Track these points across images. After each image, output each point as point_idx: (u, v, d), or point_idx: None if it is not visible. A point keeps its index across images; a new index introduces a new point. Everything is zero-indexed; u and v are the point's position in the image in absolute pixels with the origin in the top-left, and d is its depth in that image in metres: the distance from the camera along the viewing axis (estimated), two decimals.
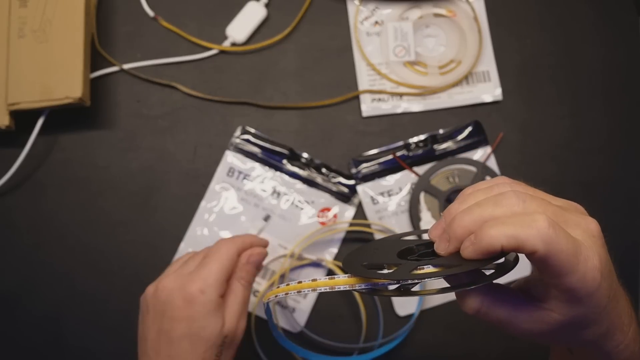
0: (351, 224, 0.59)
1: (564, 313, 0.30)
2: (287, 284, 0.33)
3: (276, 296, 0.33)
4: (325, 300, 0.58)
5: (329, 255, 0.58)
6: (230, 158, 0.60)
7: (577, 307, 0.30)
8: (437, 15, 0.63)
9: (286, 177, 0.59)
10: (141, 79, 0.61)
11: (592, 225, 0.30)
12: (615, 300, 0.32)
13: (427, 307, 0.57)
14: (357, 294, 0.57)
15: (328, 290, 0.32)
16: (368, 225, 0.58)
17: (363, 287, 0.32)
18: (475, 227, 0.30)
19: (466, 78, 0.62)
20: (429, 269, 0.31)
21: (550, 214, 0.29)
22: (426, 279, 0.30)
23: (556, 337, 0.32)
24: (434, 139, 0.60)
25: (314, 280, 0.33)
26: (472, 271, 0.31)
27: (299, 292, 0.33)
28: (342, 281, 0.32)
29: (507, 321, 0.32)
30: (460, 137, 0.60)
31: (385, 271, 0.32)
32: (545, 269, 0.29)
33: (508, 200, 0.30)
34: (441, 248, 0.31)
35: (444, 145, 0.60)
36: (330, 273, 0.58)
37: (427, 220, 0.58)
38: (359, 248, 0.37)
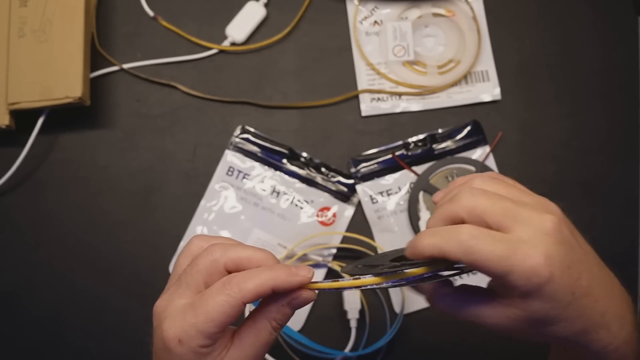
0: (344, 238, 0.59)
1: (522, 308, 0.32)
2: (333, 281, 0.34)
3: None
4: (325, 300, 0.58)
5: (328, 255, 0.58)
6: (230, 157, 0.60)
7: (532, 302, 0.32)
8: (436, 15, 0.63)
9: (286, 176, 0.59)
10: (141, 78, 0.61)
11: (547, 222, 0.32)
12: (592, 298, 0.32)
13: (426, 306, 0.58)
14: (361, 294, 0.57)
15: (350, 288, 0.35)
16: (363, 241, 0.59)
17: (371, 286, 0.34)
18: (438, 221, 0.34)
19: (465, 78, 0.62)
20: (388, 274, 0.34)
21: (498, 209, 0.32)
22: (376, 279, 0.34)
23: (526, 332, 0.34)
24: (433, 139, 0.60)
25: (356, 278, 0.34)
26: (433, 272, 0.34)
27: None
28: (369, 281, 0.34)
29: (476, 317, 0.34)
30: (459, 136, 0.60)
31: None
32: (482, 272, 0.32)
33: (462, 195, 0.33)
34: (407, 246, 0.34)
35: (443, 145, 0.60)
36: (331, 273, 0.58)
37: (426, 219, 0.58)
38: (365, 258, 0.39)
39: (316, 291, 0.34)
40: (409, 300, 0.57)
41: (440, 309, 0.36)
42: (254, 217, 0.59)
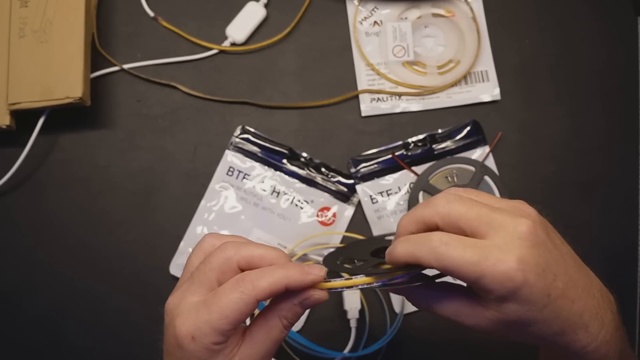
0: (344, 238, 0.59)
1: (499, 311, 0.33)
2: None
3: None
4: (326, 301, 0.58)
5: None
6: (230, 157, 0.60)
7: (508, 305, 0.32)
8: (435, 15, 0.63)
9: (286, 176, 0.59)
10: (141, 78, 0.61)
11: (521, 226, 0.32)
12: (569, 300, 0.33)
13: None
14: (361, 294, 0.57)
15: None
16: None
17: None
18: (411, 226, 0.34)
19: (465, 78, 0.62)
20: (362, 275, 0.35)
21: (473, 214, 0.33)
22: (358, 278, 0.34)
23: (504, 333, 0.34)
24: (433, 139, 0.60)
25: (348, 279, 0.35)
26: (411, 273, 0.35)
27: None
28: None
29: (455, 317, 0.35)
30: (458, 136, 0.60)
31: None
32: (455, 277, 0.32)
33: (436, 201, 0.34)
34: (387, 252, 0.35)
35: (442, 145, 0.60)
36: (331, 273, 0.58)
37: None
38: (347, 245, 0.39)
39: (328, 292, 0.35)
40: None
41: (419, 306, 0.36)
42: (254, 217, 0.59)
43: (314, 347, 0.53)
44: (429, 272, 0.35)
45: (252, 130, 0.60)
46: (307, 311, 0.57)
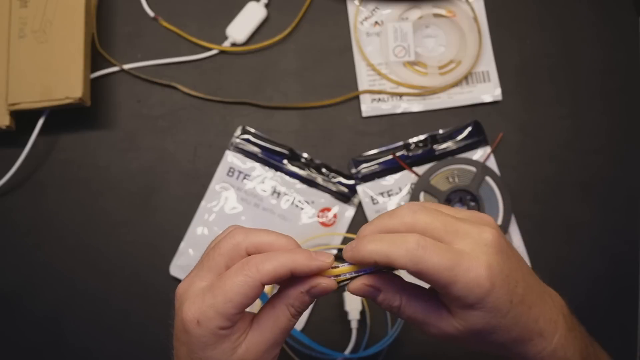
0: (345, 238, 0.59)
1: (465, 319, 0.33)
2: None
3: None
4: (327, 301, 0.58)
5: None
6: (230, 158, 0.60)
7: (475, 312, 0.33)
8: (436, 15, 0.63)
9: (286, 177, 0.59)
10: (141, 79, 0.61)
11: (485, 234, 0.33)
12: (526, 306, 0.33)
13: None
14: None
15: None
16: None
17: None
18: (377, 258, 0.33)
19: (466, 78, 0.62)
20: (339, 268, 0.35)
21: (439, 224, 0.33)
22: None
23: (469, 342, 0.35)
24: (434, 139, 0.60)
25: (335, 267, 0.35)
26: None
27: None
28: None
29: (421, 322, 0.35)
30: (460, 137, 0.60)
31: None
32: (426, 282, 0.32)
33: (401, 211, 0.34)
34: (346, 249, 0.34)
35: (443, 146, 0.60)
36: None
37: None
38: None
39: (337, 283, 0.34)
40: None
41: (391, 305, 0.35)
42: (255, 218, 0.58)
43: (315, 346, 0.53)
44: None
45: (252, 130, 0.60)
46: (308, 312, 0.57)
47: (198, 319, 0.33)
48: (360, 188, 0.59)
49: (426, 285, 0.35)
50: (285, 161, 0.60)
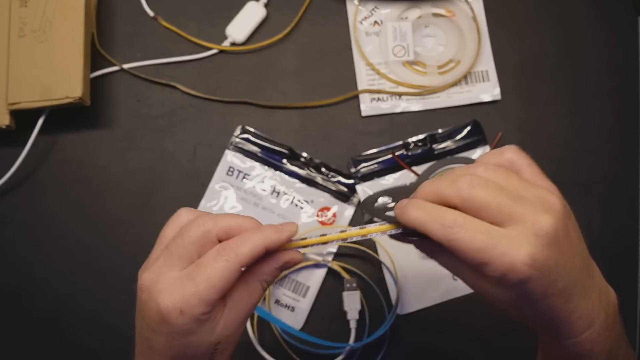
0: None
1: (494, 290, 0.33)
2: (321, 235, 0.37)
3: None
4: (326, 301, 0.58)
5: (328, 255, 0.58)
6: (230, 157, 0.60)
7: (504, 290, 0.33)
8: (436, 15, 0.63)
9: (286, 176, 0.59)
10: (141, 78, 0.61)
11: (542, 223, 0.32)
12: (563, 298, 0.33)
13: (425, 306, 0.58)
14: (361, 295, 0.57)
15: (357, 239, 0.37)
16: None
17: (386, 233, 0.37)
18: (429, 197, 0.34)
19: (465, 78, 0.62)
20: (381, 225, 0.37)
21: (494, 205, 0.32)
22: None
23: (493, 299, 0.34)
24: (433, 139, 0.60)
25: (342, 231, 0.37)
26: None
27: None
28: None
29: (454, 272, 0.36)
30: (459, 136, 0.60)
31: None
32: (458, 257, 0.32)
33: (460, 183, 0.33)
34: (398, 206, 0.36)
35: (443, 145, 0.60)
36: (333, 273, 0.58)
37: None
38: (393, 187, 0.41)
39: (302, 252, 0.37)
40: (410, 300, 0.57)
41: (424, 252, 0.37)
42: (254, 217, 0.58)
43: (319, 341, 0.53)
44: None
45: (252, 130, 0.60)
46: (308, 311, 0.57)
47: (181, 307, 0.33)
48: (359, 187, 0.59)
49: None
50: (284, 160, 0.60)
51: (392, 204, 0.38)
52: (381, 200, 0.40)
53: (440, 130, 0.61)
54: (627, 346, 0.38)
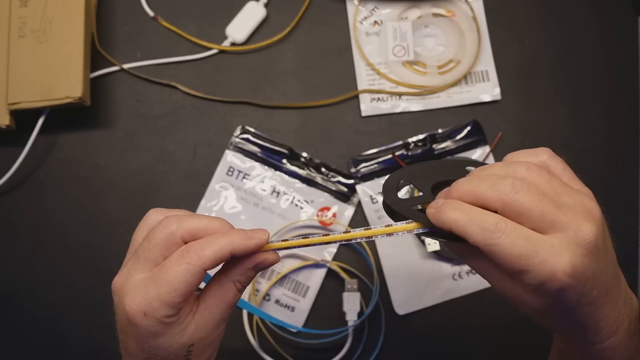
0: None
1: (526, 293, 0.32)
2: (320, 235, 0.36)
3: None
4: (324, 299, 0.58)
5: (328, 255, 0.58)
6: (230, 157, 0.60)
7: (537, 297, 0.32)
8: (436, 15, 0.63)
9: (286, 176, 0.59)
10: (141, 78, 0.61)
11: (584, 232, 0.31)
12: (594, 307, 0.32)
13: (425, 306, 0.58)
14: (361, 297, 0.57)
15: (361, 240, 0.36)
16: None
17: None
18: (467, 198, 0.32)
19: (465, 78, 0.62)
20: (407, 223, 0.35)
21: (537, 211, 0.31)
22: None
23: (520, 304, 0.33)
24: (433, 139, 0.60)
25: (346, 231, 0.36)
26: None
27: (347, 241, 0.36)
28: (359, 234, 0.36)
29: (483, 276, 0.34)
30: (459, 136, 0.60)
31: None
32: (495, 262, 0.31)
33: (503, 187, 0.31)
34: (432, 205, 0.34)
35: (442, 145, 0.60)
36: (332, 273, 0.58)
37: None
38: (417, 165, 0.39)
39: (279, 253, 0.36)
40: (410, 300, 0.57)
41: (452, 250, 0.36)
42: (254, 217, 0.59)
43: (317, 331, 0.53)
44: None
45: (252, 130, 0.60)
46: (307, 311, 0.57)
47: (144, 310, 0.33)
48: (359, 187, 0.59)
49: None
50: (284, 160, 0.60)
51: (419, 198, 0.36)
52: (403, 189, 0.37)
53: (440, 130, 0.61)
54: None
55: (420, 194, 0.36)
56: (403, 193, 0.36)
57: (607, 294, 0.33)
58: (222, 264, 0.36)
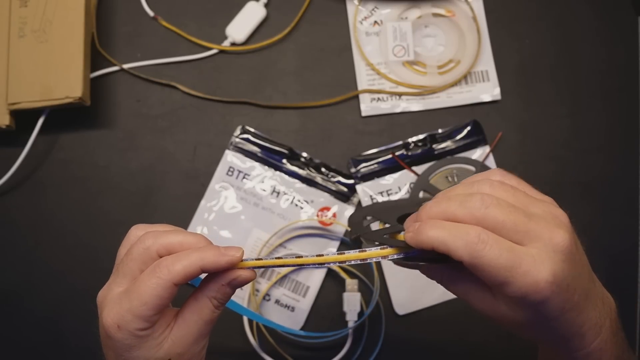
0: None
1: (509, 308, 0.32)
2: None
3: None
4: (324, 299, 0.58)
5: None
6: (230, 157, 0.60)
7: (522, 311, 0.32)
8: (436, 15, 0.63)
9: (286, 176, 0.59)
10: (141, 78, 0.61)
11: (558, 238, 0.31)
12: (576, 312, 0.32)
13: (425, 306, 0.58)
14: (361, 297, 0.57)
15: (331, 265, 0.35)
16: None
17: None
18: (437, 217, 0.32)
19: (465, 78, 0.62)
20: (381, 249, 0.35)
21: (510, 223, 0.31)
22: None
23: (503, 323, 0.34)
24: (433, 139, 0.60)
25: (319, 255, 0.35)
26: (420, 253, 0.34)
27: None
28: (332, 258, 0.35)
29: (464, 297, 0.34)
30: (459, 136, 0.60)
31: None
32: (480, 277, 0.31)
33: (473, 203, 0.32)
34: (409, 229, 0.34)
35: (442, 145, 0.60)
36: (332, 273, 0.58)
37: None
38: (379, 203, 0.39)
39: (255, 270, 0.36)
40: (410, 301, 0.57)
41: (431, 278, 0.36)
42: (254, 217, 0.59)
43: (314, 334, 0.53)
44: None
45: (252, 130, 0.60)
46: (307, 311, 0.57)
47: (118, 323, 0.34)
48: (359, 187, 0.59)
49: None
50: (284, 160, 0.60)
51: (388, 228, 0.36)
52: (368, 221, 0.38)
53: (440, 130, 0.61)
54: (628, 349, 0.38)
55: (387, 225, 0.37)
56: (369, 223, 0.37)
57: (587, 297, 0.33)
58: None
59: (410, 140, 0.60)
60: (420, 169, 0.60)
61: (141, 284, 0.34)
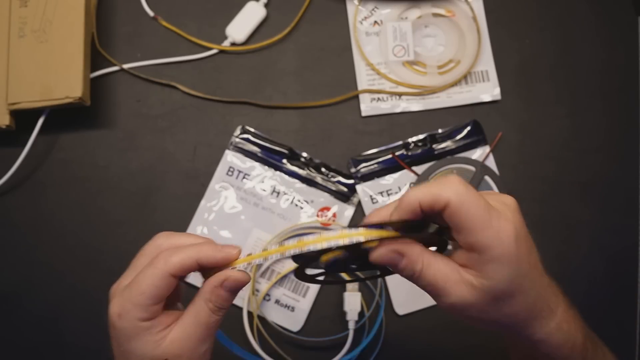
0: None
1: (488, 275, 0.33)
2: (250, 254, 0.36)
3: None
4: (325, 299, 0.58)
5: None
6: (230, 157, 0.60)
7: (500, 267, 0.33)
8: (436, 15, 0.63)
9: (286, 176, 0.59)
10: (141, 78, 0.61)
11: (509, 201, 0.35)
12: (538, 272, 0.35)
13: (425, 306, 0.58)
14: (361, 297, 0.57)
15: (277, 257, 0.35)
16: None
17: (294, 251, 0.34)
18: (422, 197, 0.33)
19: (465, 78, 0.62)
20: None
21: (473, 191, 0.33)
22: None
23: (481, 313, 0.34)
24: (433, 139, 0.60)
25: (264, 250, 0.35)
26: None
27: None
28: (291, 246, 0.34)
29: (440, 288, 0.35)
30: (459, 136, 0.60)
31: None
32: (459, 224, 0.33)
33: (452, 179, 0.34)
34: (383, 215, 0.35)
35: (442, 145, 0.60)
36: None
37: None
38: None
39: (249, 273, 0.36)
40: (410, 300, 0.57)
41: (407, 276, 0.36)
42: (254, 217, 0.59)
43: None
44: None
45: (252, 130, 0.60)
46: (307, 311, 0.57)
47: (119, 312, 0.35)
48: (359, 187, 0.59)
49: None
50: (284, 160, 0.60)
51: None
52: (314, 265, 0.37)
53: (440, 130, 0.61)
54: (594, 340, 0.40)
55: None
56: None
57: (538, 262, 0.35)
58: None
59: (410, 140, 0.60)
60: (420, 169, 0.60)
61: (140, 274, 0.35)
